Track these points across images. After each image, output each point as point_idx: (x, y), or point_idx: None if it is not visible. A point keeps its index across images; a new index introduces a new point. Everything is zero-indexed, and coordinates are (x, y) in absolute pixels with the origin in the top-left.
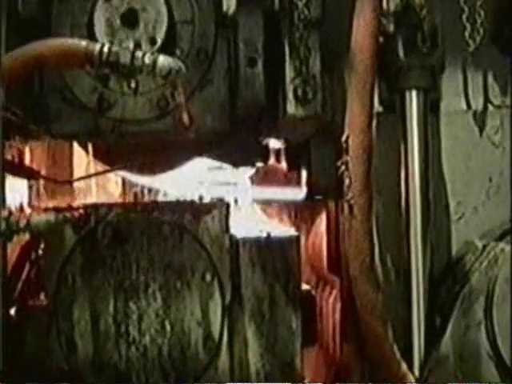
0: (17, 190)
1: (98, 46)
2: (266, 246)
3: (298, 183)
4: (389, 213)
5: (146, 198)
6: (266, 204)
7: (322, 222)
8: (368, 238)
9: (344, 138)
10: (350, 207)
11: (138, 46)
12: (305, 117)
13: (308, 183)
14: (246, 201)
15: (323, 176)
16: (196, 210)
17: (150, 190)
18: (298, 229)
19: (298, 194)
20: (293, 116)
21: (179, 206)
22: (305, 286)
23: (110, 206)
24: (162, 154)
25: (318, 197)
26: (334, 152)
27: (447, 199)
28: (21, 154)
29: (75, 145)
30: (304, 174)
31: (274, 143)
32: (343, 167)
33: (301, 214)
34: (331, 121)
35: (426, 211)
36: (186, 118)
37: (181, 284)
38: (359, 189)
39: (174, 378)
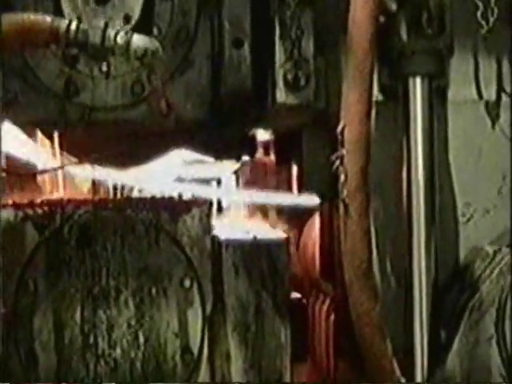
0: None
1: (64, 23)
2: (251, 249)
3: (288, 179)
4: (389, 213)
5: (119, 195)
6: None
7: (314, 223)
8: (365, 241)
9: (339, 130)
10: (346, 206)
11: (110, 23)
12: (296, 105)
13: (299, 179)
14: (230, 198)
15: (316, 171)
16: (174, 207)
17: (122, 186)
18: (287, 230)
19: (291, 197)
20: (283, 104)
21: (155, 204)
22: (295, 294)
23: (78, 203)
24: (137, 145)
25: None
26: (329, 145)
27: (454, 199)
28: None
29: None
30: (295, 169)
31: (262, 135)
32: (338, 162)
33: (291, 212)
34: (325, 110)
35: (430, 212)
36: (163, 105)
37: (156, 290)
38: (355, 186)
39: None
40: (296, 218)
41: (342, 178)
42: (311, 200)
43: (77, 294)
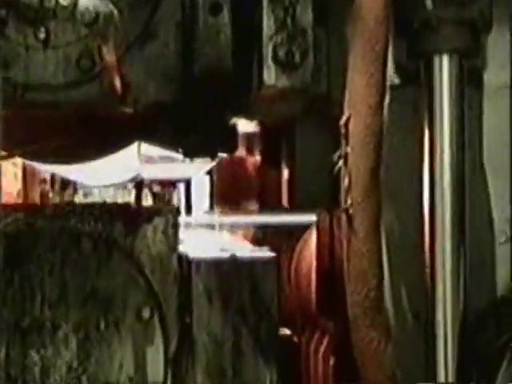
0: None
1: None
2: (229, 271)
3: (277, 184)
4: (405, 228)
5: (58, 199)
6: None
7: (310, 240)
8: (374, 264)
9: (344, 121)
10: (350, 219)
11: None
12: (289, 89)
13: (291, 184)
14: (202, 205)
15: (313, 174)
16: (131, 217)
17: (64, 187)
18: (275, 247)
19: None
20: (272, 87)
21: (106, 212)
22: (284, 330)
23: (6, 209)
24: (84, 135)
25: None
26: (329, 141)
27: (490, 212)
28: None
29: None
30: (285, 171)
31: (245, 126)
32: (341, 162)
33: (280, 228)
34: (326, 96)
35: (459, 228)
36: (118, 84)
37: (106, 323)
38: (363, 193)
39: None
40: (286, 234)
41: (346, 182)
42: (305, 212)
43: (1, 326)
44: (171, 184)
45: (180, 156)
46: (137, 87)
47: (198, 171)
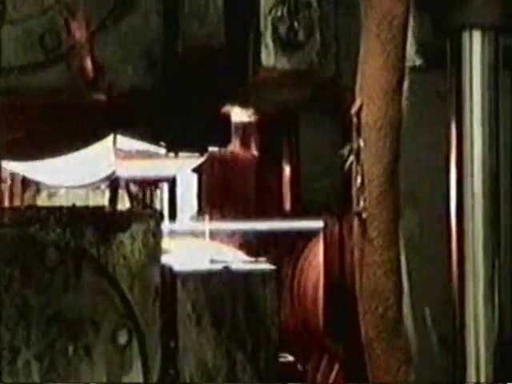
0: None
1: None
2: (222, 286)
3: (277, 185)
4: (429, 235)
5: (18, 201)
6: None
7: (316, 250)
8: (391, 278)
9: (355, 110)
10: (363, 225)
11: None
12: (291, 72)
13: (293, 185)
14: (189, 210)
15: (319, 173)
16: (105, 223)
17: (24, 187)
18: (275, 258)
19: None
20: (271, 70)
21: (75, 217)
22: (287, 356)
23: None
24: (50, 126)
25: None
26: (338, 133)
27: None
28: None
29: None
30: (287, 169)
31: (239, 116)
32: (352, 158)
33: (281, 236)
34: (334, 80)
35: (492, 235)
36: (89, 66)
37: (75, 349)
38: (378, 194)
39: None
40: (288, 243)
41: (359, 182)
42: (311, 218)
43: None
44: (152, 184)
45: (163, 151)
46: (111, 70)
47: (183, 169)
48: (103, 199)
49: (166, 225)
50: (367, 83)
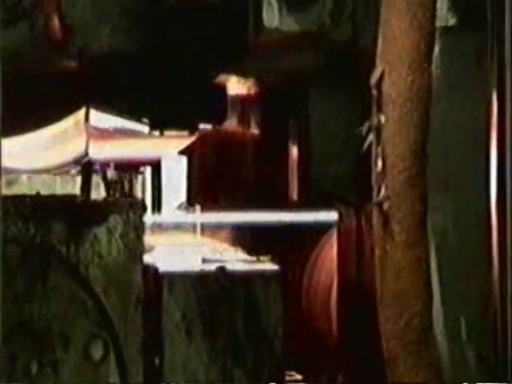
0: None
1: None
2: (215, 291)
3: (283, 169)
4: (464, 230)
5: None
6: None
7: (328, 247)
8: (418, 280)
9: (375, 80)
10: (385, 217)
11: None
12: (298, 34)
13: (301, 169)
14: (176, 199)
15: (332, 155)
16: (76, 215)
17: None
18: (279, 257)
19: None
20: (275, 32)
21: (40, 208)
22: (293, 374)
23: None
24: (12, 97)
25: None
26: (355, 108)
27: None
28: None
29: None
30: (294, 150)
31: (237, 87)
32: (372, 137)
33: (287, 230)
34: (351, 44)
35: None
36: (56, 26)
37: (40, 366)
38: (403, 180)
39: None
40: (295, 239)
41: (379, 166)
42: (322, 209)
43: None
44: (133, 168)
45: (145, 129)
46: (83, 31)
47: (170, 150)
48: (74, 187)
49: (149, 217)
50: (390, 48)
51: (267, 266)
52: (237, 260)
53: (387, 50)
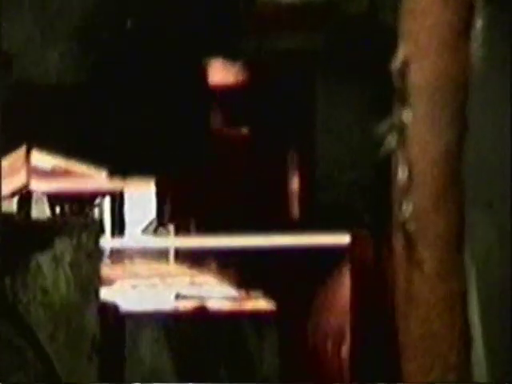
0: None
1: None
2: (193, 336)
3: (279, 178)
4: (509, 256)
5: None
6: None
7: (339, 281)
8: (453, 322)
9: (399, 65)
10: (410, 241)
11: None
12: (301, 7)
13: (304, 180)
14: (143, 217)
15: (341, 161)
16: (13, 238)
17: None
18: (276, 293)
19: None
20: (271, 4)
21: None
22: None
23: None
24: None
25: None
26: (371, 100)
27: None
28: None
29: None
30: (295, 157)
31: (224, 73)
32: (393, 138)
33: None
34: (367, 19)
35: None
36: None
37: None
38: (434, 194)
39: None
40: (296, 269)
41: (402, 175)
42: (330, 230)
43: None
44: (89, 198)
45: (102, 173)
46: (24, 57)
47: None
48: (10, 207)
49: (107, 240)
50: (416, 25)
51: (260, 304)
52: (221, 296)
53: (413, 29)
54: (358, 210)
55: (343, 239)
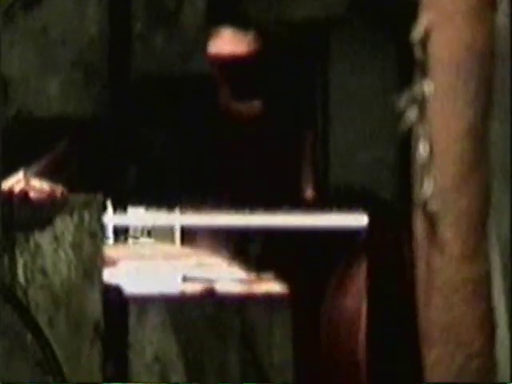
0: None
1: None
2: (201, 320)
3: (290, 154)
4: None
5: None
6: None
7: (356, 264)
8: (477, 308)
9: (420, 34)
10: (431, 222)
11: None
12: None
13: (317, 158)
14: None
15: (358, 137)
16: (10, 216)
17: None
18: (288, 275)
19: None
20: None
21: None
22: None
23: None
24: None
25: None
26: (390, 71)
27: None
28: None
29: None
30: (307, 133)
31: (233, 42)
32: (413, 113)
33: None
34: None
35: None
36: None
37: None
38: (455, 172)
39: None
40: (311, 252)
41: (423, 152)
42: (346, 211)
43: None
44: None
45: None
46: (23, 86)
47: None
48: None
49: (110, 218)
50: None
51: (271, 286)
52: (230, 278)
53: None
54: (376, 190)
55: (360, 220)
